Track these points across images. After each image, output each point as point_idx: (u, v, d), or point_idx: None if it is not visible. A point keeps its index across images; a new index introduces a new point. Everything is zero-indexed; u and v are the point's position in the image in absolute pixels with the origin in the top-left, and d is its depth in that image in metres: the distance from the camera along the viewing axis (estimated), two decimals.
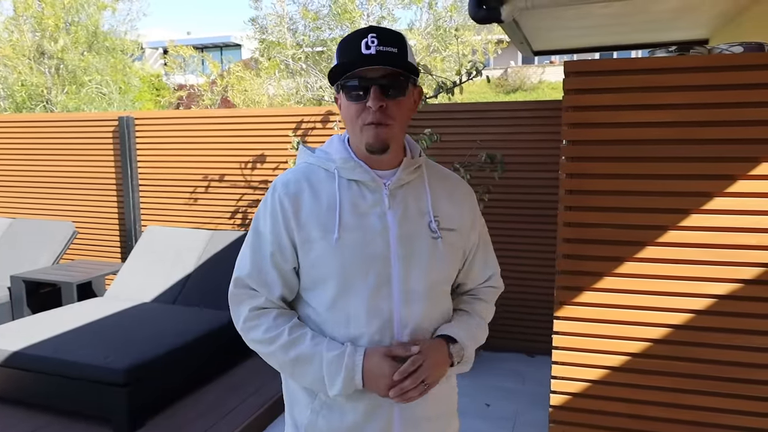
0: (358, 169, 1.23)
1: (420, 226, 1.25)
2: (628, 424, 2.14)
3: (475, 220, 1.37)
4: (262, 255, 1.25)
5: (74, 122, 5.06)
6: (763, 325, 1.98)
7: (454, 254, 1.31)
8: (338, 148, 1.27)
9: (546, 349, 3.98)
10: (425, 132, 3.66)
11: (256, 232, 1.27)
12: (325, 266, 1.21)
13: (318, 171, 1.26)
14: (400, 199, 1.25)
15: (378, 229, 1.21)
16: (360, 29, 1.18)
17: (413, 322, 1.24)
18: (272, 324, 1.24)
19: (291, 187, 1.24)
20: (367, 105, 1.16)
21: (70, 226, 4.91)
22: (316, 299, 1.25)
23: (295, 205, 1.22)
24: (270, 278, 1.25)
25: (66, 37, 12.55)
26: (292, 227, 1.22)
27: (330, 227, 1.20)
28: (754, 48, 1.97)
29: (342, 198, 1.22)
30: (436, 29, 12.82)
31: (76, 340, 3.18)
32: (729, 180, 1.96)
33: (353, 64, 1.15)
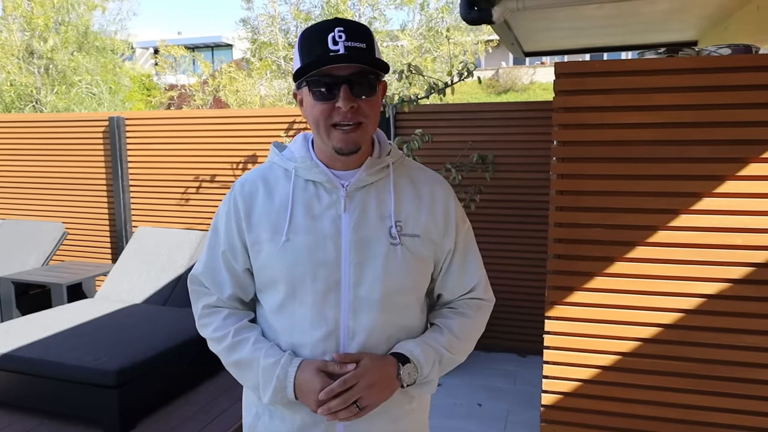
0: (315, 170, 1.17)
1: (378, 231, 1.16)
2: (619, 423, 2.16)
3: (450, 225, 1.23)
4: (215, 254, 1.24)
5: (64, 122, 5.02)
6: (751, 323, 2.00)
7: (418, 263, 1.19)
8: (301, 147, 1.22)
9: (537, 349, 4.00)
10: (416, 132, 3.67)
11: (214, 230, 1.26)
12: (272, 269, 1.17)
13: (277, 170, 1.22)
14: (359, 202, 1.17)
15: (329, 233, 1.14)
16: (324, 22, 1.09)
17: (362, 333, 1.15)
18: (221, 324, 1.22)
19: (246, 187, 1.21)
20: (336, 105, 1.08)
21: (59, 226, 4.88)
22: (267, 302, 1.22)
23: (247, 205, 1.19)
24: (221, 277, 1.23)
25: (56, 36, 12.46)
26: (243, 228, 1.19)
27: (279, 229, 1.16)
28: (742, 50, 2.00)
29: (295, 199, 1.17)
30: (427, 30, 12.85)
31: (66, 342, 3.16)
32: (717, 180, 1.98)
33: (320, 61, 1.06)
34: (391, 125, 3.99)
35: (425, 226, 1.20)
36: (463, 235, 1.27)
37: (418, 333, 1.23)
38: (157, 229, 4.49)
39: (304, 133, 1.25)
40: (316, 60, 1.06)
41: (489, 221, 4.02)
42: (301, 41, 1.12)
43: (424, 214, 1.21)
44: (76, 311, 3.72)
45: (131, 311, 3.75)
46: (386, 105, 3.92)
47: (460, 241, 1.27)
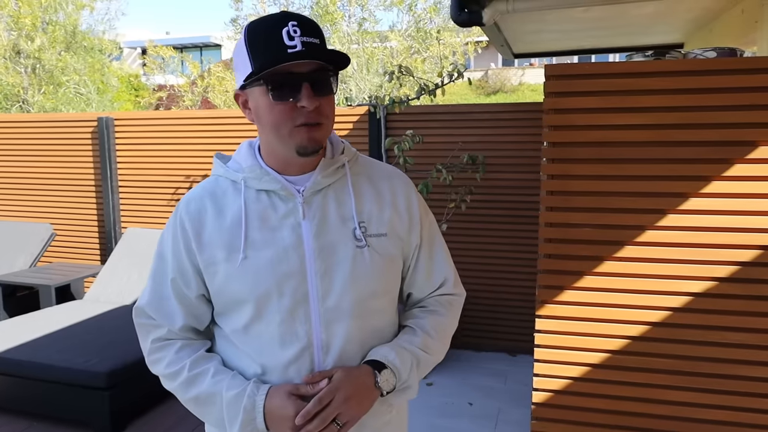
0: (266, 178, 1.08)
1: (342, 235, 1.09)
2: (608, 420, 2.19)
3: (414, 219, 1.17)
4: (162, 282, 1.13)
5: (52, 123, 4.99)
6: (736, 321, 2.04)
7: (387, 263, 1.13)
8: (246, 155, 1.12)
9: (528, 349, 4.03)
10: (407, 133, 3.69)
11: (159, 256, 1.14)
12: (233, 291, 1.07)
13: (225, 184, 1.12)
14: (318, 207, 1.09)
15: (291, 243, 1.06)
16: (272, 16, 1.00)
17: (337, 345, 1.07)
18: (174, 357, 1.11)
19: (192, 206, 1.11)
20: (299, 105, 1.00)
21: (47, 228, 4.84)
22: (230, 325, 1.11)
23: (196, 224, 1.09)
24: (171, 307, 1.12)
25: (43, 36, 12.35)
26: (194, 250, 1.08)
27: (235, 246, 1.06)
28: (727, 53, 2.03)
29: (249, 212, 1.07)
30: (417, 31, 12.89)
31: (54, 344, 3.14)
32: (703, 181, 2.01)
33: (278, 58, 0.97)
34: (381, 126, 4.00)
35: (390, 223, 1.13)
36: (428, 228, 1.22)
37: (389, 339, 1.16)
38: (146, 230, 4.47)
39: (248, 140, 1.16)
40: (273, 57, 0.97)
41: (479, 221, 4.05)
42: (248, 36, 1.01)
43: (387, 210, 1.14)
44: (64, 313, 3.69)
45: (121, 313, 3.74)
46: (377, 106, 3.93)
47: (426, 235, 1.21)
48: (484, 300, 4.11)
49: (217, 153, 1.18)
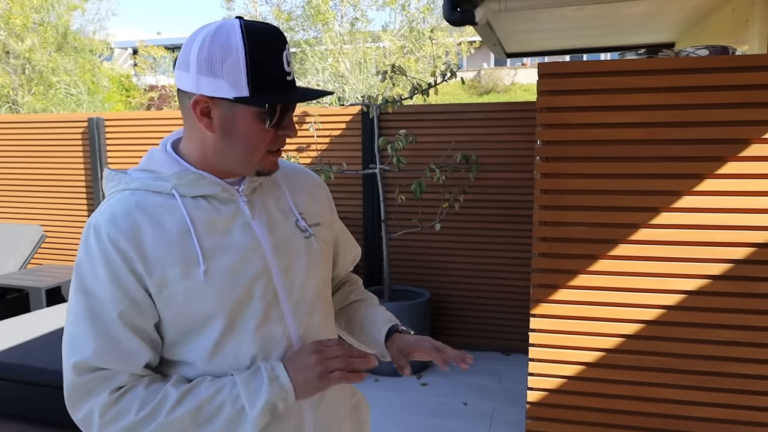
0: (203, 181, 1.00)
1: (289, 228, 1.08)
2: (602, 418, 2.19)
3: (331, 204, 1.24)
4: (106, 321, 0.93)
5: (42, 123, 4.94)
6: (729, 318, 2.05)
7: (329, 250, 1.17)
8: (166, 162, 1.02)
9: (522, 348, 4.03)
10: (400, 133, 3.68)
11: (88, 295, 0.94)
12: (198, 310, 0.96)
13: (147, 197, 0.98)
14: (259, 204, 1.06)
15: (248, 245, 1.01)
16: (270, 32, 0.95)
17: (313, 337, 1.06)
18: (147, 395, 0.94)
19: (121, 222, 0.94)
20: (280, 133, 0.99)
21: (38, 229, 4.79)
22: (191, 352, 0.98)
23: (135, 242, 0.93)
24: (129, 345, 0.94)
25: (34, 36, 12.26)
26: (140, 272, 0.93)
27: (191, 259, 0.95)
28: (719, 51, 2.04)
29: (193, 220, 0.98)
30: (409, 31, 12.89)
31: (45, 347, 3.11)
32: (696, 179, 2.02)
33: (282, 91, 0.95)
34: (375, 126, 3.99)
35: (320, 212, 1.17)
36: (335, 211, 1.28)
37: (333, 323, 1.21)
38: None
39: (154, 148, 1.06)
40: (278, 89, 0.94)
41: (473, 221, 4.05)
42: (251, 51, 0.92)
43: (314, 201, 1.16)
44: (55, 315, 3.66)
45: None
46: (370, 106, 3.93)
47: (337, 218, 1.28)
48: (478, 299, 4.11)
49: (109, 169, 1.05)
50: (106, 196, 1.02)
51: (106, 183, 1.03)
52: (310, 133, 4.26)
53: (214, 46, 0.92)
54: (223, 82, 0.92)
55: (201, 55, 0.93)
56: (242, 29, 0.92)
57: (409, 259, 4.18)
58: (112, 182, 1.02)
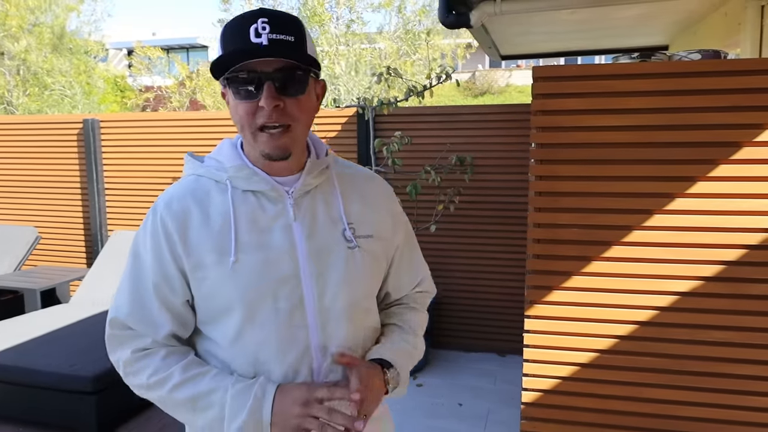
0: (255, 178, 1.04)
1: (333, 236, 1.07)
2: (596, 419, 2.20)
3: (396, 221, 1.20)
4: (142, 288, 1.05)
5: (37, 125, 4.93)
6: (721, 319, 2.07)
7: (375, 264, 1.14)
8: (230, 154, 1.07)
9: (517, 349, 4.04)
10: (396, 135, 3.69)
11: (137, 259, 1.06)
12: (224, 296, 1.02)
13: (207, 184, 1.06)
14: (307, 208, 1.07)
15: (284, 246, 1.03)
16: (248, 12, 0.97)
17: (334, 347, 1.07)
18: (161, 364, 1.03)
19: (174, 206, 1.03)
20: (259, 105, 0.97)
21: (32, 231, 4.78)
22: (217, 333, 1.05)
23: (181, 226, 1.02)
24: (155, 315, 1.04)
25: (29, 37, 12.21)
26: (180, 253, 1.02)
27: (225, 249, 1.01)
28: (711, 55, 2.06)
29: (237, 213, 1.03)
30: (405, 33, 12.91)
31: (40, 348, 3.10)
32: (689, 181, 2.04)
33: (240, 54, 0.95)
34: (370, 127, 4.01)
35: (375, 224, 1.14)
36: (405, 229, 1.24)
37: (375, 338, 1.17)
38: (133, 232, 4.43)
39: (229, 139, 1.12)
40: (234, 53, 0.95)
41: (468, 223, 4.07)
42: (222, 33, 0.99)
43: (371, 212, 1.14)
44: (50, 317, 3.65)
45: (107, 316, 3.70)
46: (366, 107, 3.94)
47: (405, 236, 1.23)
48: (473, 301, 4.13)
49: (189, 153, 1.13)
50: (181, 178, 1.12)
51: (184, 166, 1.13)
52: None
53: None
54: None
55: None
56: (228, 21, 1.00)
57: None
58: (187, 165, 1.11)
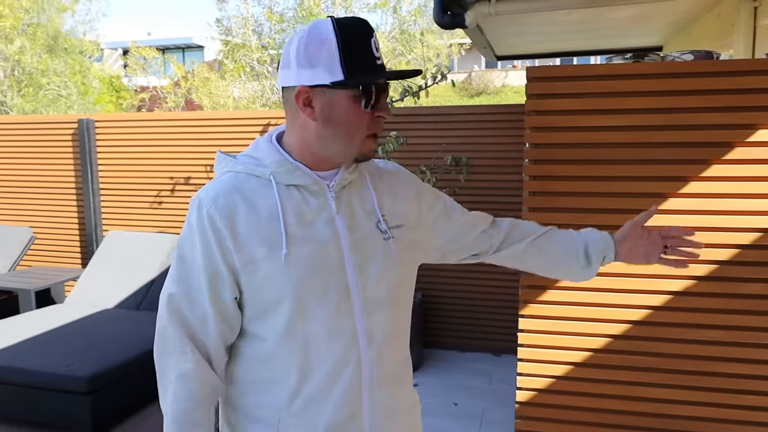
0: (298, 172, 1.08)
1: (370, 228, 1.13)
2: (590, 417, 2.21)
3: (421, 200, 1.25)
4: (194, 287, 1.06)
5: (32, 125, 4.92)
6: (713, 318, 2.08)
7: (409, 251, 1.20)
8: (269, 150, 1.10)
9: (512, 348, 4.06)
10: (391, 135, 3.70)
11: (183, 261, 1.07)
12: (276, 288, 1.04)
13: (248, 180, 1.08)
14: (346, 201, 1.12)
15: (329, 238, 1.08)
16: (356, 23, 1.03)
17: (378, 334, 1.12)
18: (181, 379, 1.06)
19: (221, 201, 1.05)
20: (376, 115, 1.06)
21: (27, 231, 4.77)
22: (266, 328, 1.08)
23: (229, 221, 1.04)
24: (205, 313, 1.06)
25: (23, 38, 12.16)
26: (229, 248, 1.04)
27: (276, 242, 1.04)
28: (704, 56, 2.07)
29: (284, 207, 1.06)
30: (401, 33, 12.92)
31: (35, 349, 3.09)
32: (682, 181, 2.05)
33: (374, 71, 1.03)
34: None
35: (405, 213, 1.20)
36: (445, 198, 1.31)
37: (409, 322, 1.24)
38: (128, 233, 4.43)
39: (262, 137, 1.14)
40: (370, 70, 1.02)
41: None
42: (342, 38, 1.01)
43: (400, 202, 1.20)
44: (45, 317, 3.64)
45: (103, 316, 3.70)
46: None
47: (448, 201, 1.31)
48: (468, 300, 4.14)
49: (221, 152, 1.15)
50: (216, 176, 1.13)
51: (216, 164, 1.14)
52: None
53: (310, 41, 1.02)
54: (320, 70, 1.02)
55: (300, 52, 1.03)
56: (333, 22, 1.02)
57: None
58: (221, 163, 1.12)
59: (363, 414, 1.11)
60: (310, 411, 1.09)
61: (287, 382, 1.08)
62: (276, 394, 1.09)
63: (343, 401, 1.09)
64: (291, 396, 1.08)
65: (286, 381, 1.08)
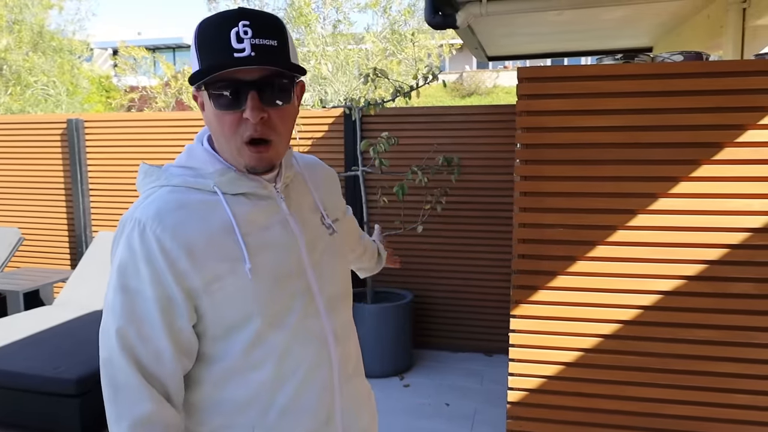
0: (243, 179, 1.00)
1: (316, 225, 1.10)
2: (581, 417, 2.22)
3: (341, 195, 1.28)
4: (145, 318, 0.94)
5: (20, 124, 4.87)
6: (703, 318, 2.09)
7: (349, 243, 1.25)
8: (207, 159, 1.01)
9: (504, 349, 4.06)
10: (382, 135, 3.69)
11: (128, 291, 0.94)
12: (243, 304, 0.97)
13: (188, 193, 0.98)
14: (292, 200, 1.08)
15: (287, 241, 1.03)
16: (226, 13, 0.91)
17: (343, 331, 1.10)
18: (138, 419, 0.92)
19: (168, 220, 0.93)
20: (243, 116, 0.92)
21: (15, 232, 4.72)
22: (232, 346, 0.99)
23: (181, 240, 0.93)
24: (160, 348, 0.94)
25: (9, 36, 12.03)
26: (185, 270, 0.93)
27: (236, 256, 0.96)
28: (693, 57, 2.08)
29: (237, 217, 0.98)
30: (392, 33, 12.91)
31: (23, 351, 3.06)
32: (672, 182, 2.06)
33: (221, 63, 0.89)
34: (357, 128, 4.00)
35: (336, 206, 1.21)
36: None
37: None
38: None
39: (193, 144, 1.05)
40: (215, 62, 0.89)
41: (455, 223, 4.08)
42: (197, 35, 0.92)
43: (332, 195, 1.20)
44: (33, 319, 3.60)
45: (91, 318, 3.66)
46: (353, 108, 3.93)
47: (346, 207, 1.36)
48: (459, 301, 4.14)
49: (144, 164, 1.04)
50: (144, 191, 1.01)
51: (144, 177, 1.02)
52: (292, 136, 4.25)
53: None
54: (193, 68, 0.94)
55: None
56: (202, 20, 0.94)
57: None
58: (150, 177, 1.01)
59: (336, 413, 1.09)
60: (287, 421, 1.03)
61: (258, 398, 1.01)
62: (246, 413, 1.01)
63: (318, 406, 1.05)
64: (264, 410, 1.01)
65: (257, 397, 1.01)
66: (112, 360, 0.94)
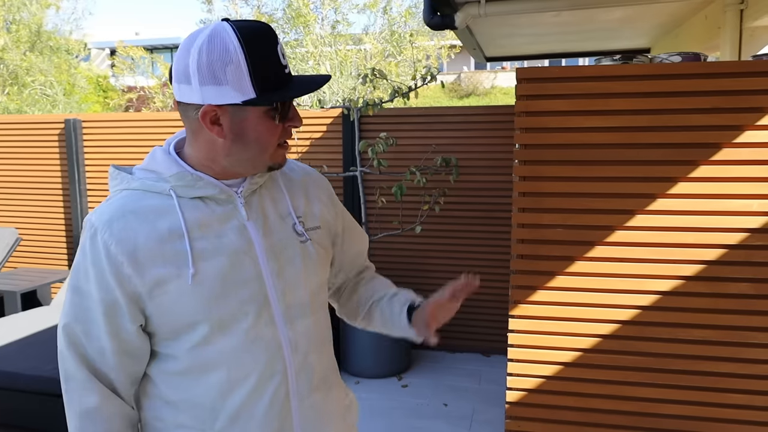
0: (200, 183, 1.01)
1: (285, 232, 1.08)
2: (579, 417, 2.22)
3: (335, 204, 1.23)
4: (90, 317, 0.99)
5: (17, 124, 4.86)
6: (701, 318, 2.10)
7: (326, 254, 1.17)
8: (167, 163, 1.02)
9: (501, 349, 4.07)
10: (381, 136, 3.70)
11: (77, 291, 1.00)
12: (187, 309, 0.98)
13: (145, 197, 1.00)
14: (257, 207, 1.06)
15: (241, 247, 1.02)
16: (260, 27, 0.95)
17: (303, 341, 1.08)
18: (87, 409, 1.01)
19: (116, 226, 0.97)
20: (287, 125, 1.02)
21: (13, 232, 4.70)
22: (180, 347, 1.01)
23: (126, 247, 0.96)
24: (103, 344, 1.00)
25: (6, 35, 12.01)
26: (128, 274, 0.96)
27: (182, 261, 0.97)
28: (691, 58, 2.09)
29: (188, 222, 0.99)
30: (390, 34, 12.92)
31: (20, 351, 3.05)
32: (670, 182, 2.07)
33: (283, 85, 0.97)
34: (355, 129, 4.00)
35: (321, 215, 1.17)
36: (345, 214, 1.28)
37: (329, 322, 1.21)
38: None
39: (158, 147, 1.06)
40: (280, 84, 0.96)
41: (453, 223, 4.08)
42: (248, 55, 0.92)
43: (315, 203, 1.17)
44: (30, 319, 3.60)
45: None
46: (351, 109, 3.94)
47: (347, 221, 1.28)
48: None
49: (114, 165, 1.06)
50: (110, 194, 1.05)
51: (110, 180, 1.06)
52: (292, 136, 4.25)
53: (212, 55, 0.92)
54: (228, 88, 0.93)
55: (201, 66, 0.93)
56: (236, 32, 0.93)
57: (390, 262, 4.19)
58: (115, 180, 1.05)
59: (293, 426, 1.07)
60: (237, 428, 1.03)
61: (208, 401, 1.02)
62: (196, 415, 1.03)
63: (270, 415, 1.04)
64: (214, 414, 1.03)
65: (207, 399, 1.02)
66: (63, 354, 1.02)
